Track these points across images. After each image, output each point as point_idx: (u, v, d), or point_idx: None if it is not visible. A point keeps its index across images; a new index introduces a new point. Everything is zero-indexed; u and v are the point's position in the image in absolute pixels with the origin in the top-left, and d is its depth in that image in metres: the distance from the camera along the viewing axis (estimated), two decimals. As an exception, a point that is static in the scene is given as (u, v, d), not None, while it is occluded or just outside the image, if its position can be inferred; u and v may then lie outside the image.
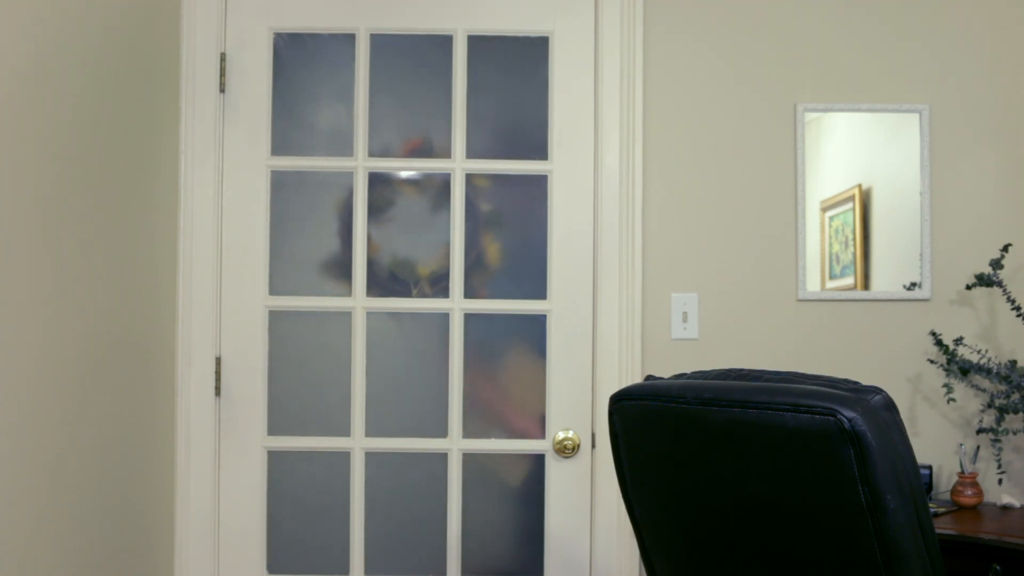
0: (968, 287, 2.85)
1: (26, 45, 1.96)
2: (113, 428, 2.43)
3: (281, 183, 2.88)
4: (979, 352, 2.86)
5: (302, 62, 2.89)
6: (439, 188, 2.89)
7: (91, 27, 2.27)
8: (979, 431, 2.85)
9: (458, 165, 2.88)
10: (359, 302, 2.86)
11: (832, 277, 2.91)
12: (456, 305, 2.86)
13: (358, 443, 2.84)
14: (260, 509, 2.83)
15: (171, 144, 2.78)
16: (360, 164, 2.87)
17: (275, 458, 2.85)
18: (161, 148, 2.72)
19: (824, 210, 2.91)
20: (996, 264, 2.77)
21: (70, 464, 2.19)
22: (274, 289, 2.86)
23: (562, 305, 2.85)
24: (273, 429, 2.85)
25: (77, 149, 2.22)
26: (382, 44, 2.90)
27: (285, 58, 2.88)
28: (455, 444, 2.84)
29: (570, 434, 2.78)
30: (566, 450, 2.77)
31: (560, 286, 2.85)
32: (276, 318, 2.86)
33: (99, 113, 2.33)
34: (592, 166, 2.87)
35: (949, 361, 2.85)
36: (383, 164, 2.88)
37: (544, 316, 2.86)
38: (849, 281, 2.92)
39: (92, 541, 2.31)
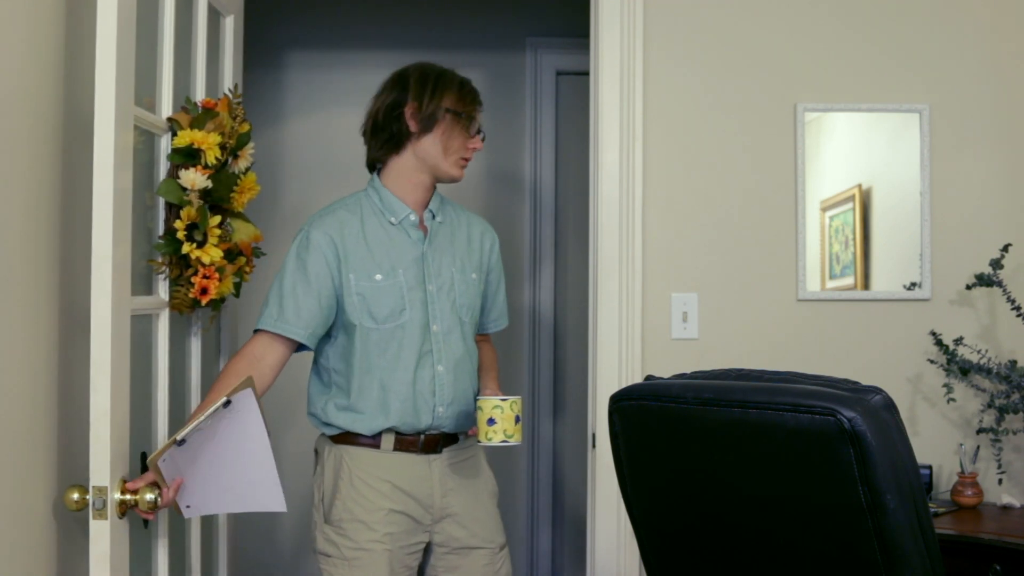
0: (968, 287, 2.85)
1: None
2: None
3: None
4: (979, 352, 2.86)
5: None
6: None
7: None
8: (979, 431, 2.84)
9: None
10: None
11: (832, 277, 2.91)
12: None
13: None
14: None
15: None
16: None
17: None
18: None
19: (824, 210, 2.91)
20: (996, 264, 2.77)
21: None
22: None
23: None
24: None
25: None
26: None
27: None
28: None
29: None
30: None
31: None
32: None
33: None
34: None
35: (949, 361, 2.85)
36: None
37: None
38: (849, 281, 2.92)
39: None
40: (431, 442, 2.34)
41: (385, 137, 2.35)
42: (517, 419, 2.25)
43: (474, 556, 2.37)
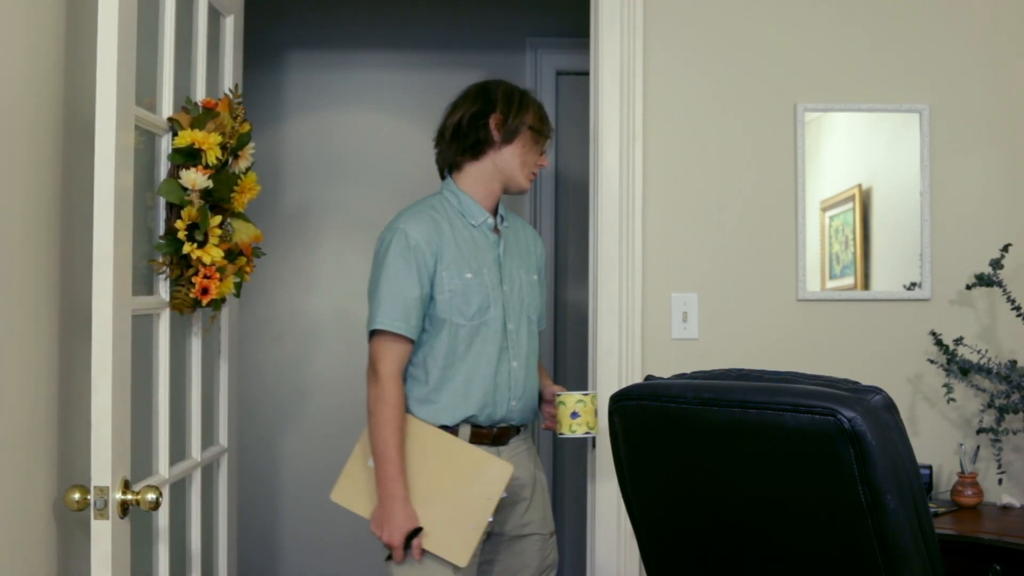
0: (968, 287, 2.85)
1: None
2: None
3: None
4: (979, 352, 2.86)
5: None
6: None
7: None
8: (979, 431, 2.84)
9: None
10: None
11: (832, 277, 2.91)
12: None
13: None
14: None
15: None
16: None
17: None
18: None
19: (824, 210, 2.91)
20: (996, 264, 2.77)
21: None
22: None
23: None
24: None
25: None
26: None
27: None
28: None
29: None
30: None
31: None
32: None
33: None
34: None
35: (949, 361, 2.85)
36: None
37: None
38: (849, 281, 2.92)
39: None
40: (502, 434, 2.46)
41: (468, 143, 2.48)
42: (595, 412, 2.45)
43: (528, 542, 2.51)
